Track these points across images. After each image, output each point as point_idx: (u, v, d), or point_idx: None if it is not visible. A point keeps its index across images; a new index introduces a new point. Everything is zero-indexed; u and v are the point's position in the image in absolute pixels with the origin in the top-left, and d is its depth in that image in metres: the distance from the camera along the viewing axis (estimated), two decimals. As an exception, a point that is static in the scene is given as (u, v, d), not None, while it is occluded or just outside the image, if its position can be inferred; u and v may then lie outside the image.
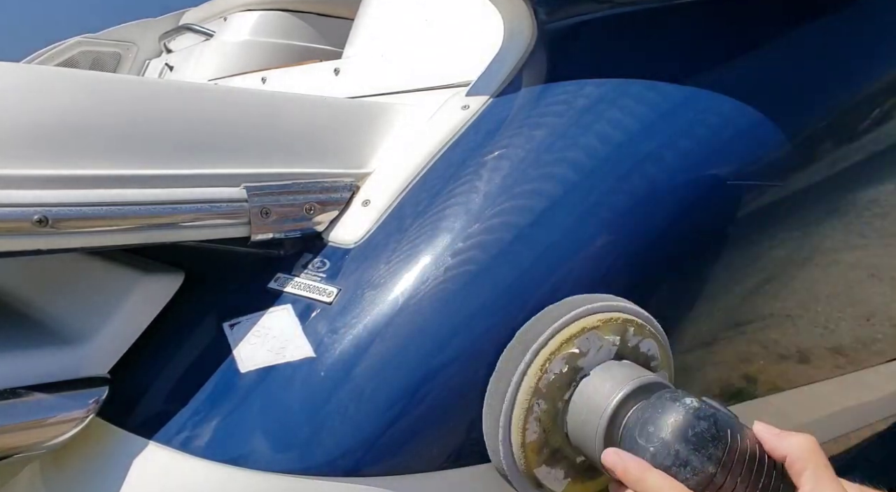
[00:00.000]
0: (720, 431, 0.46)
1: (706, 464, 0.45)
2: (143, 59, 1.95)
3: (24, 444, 0.52)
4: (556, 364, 0.53)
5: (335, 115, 0.68)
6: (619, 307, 0.56)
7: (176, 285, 0.61)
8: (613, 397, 0.51)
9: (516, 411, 0.53)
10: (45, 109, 0.51)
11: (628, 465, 0.47)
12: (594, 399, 0.52)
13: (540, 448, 0.54)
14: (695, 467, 0.46)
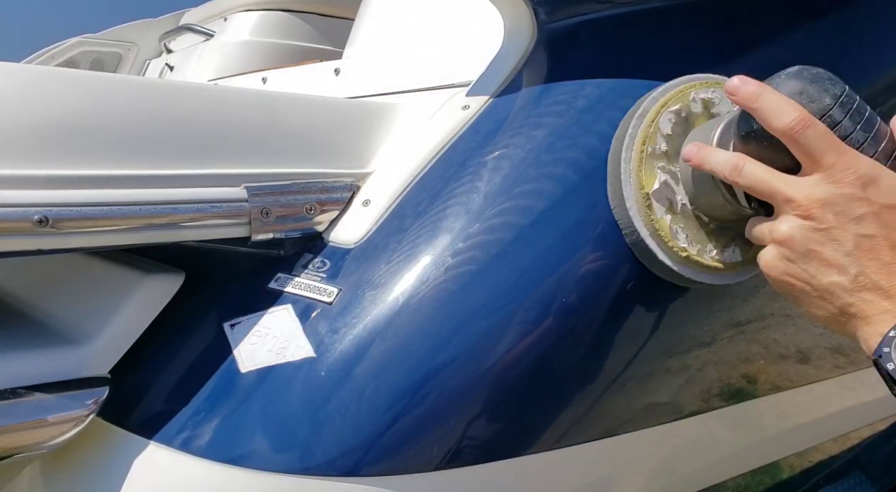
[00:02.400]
0: (835, 80, 0.48)
1: (823, 95, 0.47)
2: (143, 60, 1.95)
3: (25, 444, 0.52)
4: (664, 117, 0.58)
5: (335, 116, 0.68)
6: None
7: (176, 286, 0.61)
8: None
9: (634, 164, 0.56)
10: (46, 110, 0.51)
11: (749, 85, 0.48)
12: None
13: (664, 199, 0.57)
14: (811, 95, 0.47)
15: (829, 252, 0.45)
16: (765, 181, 0.47)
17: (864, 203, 0.44)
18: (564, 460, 0.60)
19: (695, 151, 0.53)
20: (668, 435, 0.68)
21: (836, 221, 0.44)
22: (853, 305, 0.44)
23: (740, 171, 0.49)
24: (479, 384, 0.55)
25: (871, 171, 0.44)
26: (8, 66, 0.53)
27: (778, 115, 0.46)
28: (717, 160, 0.51)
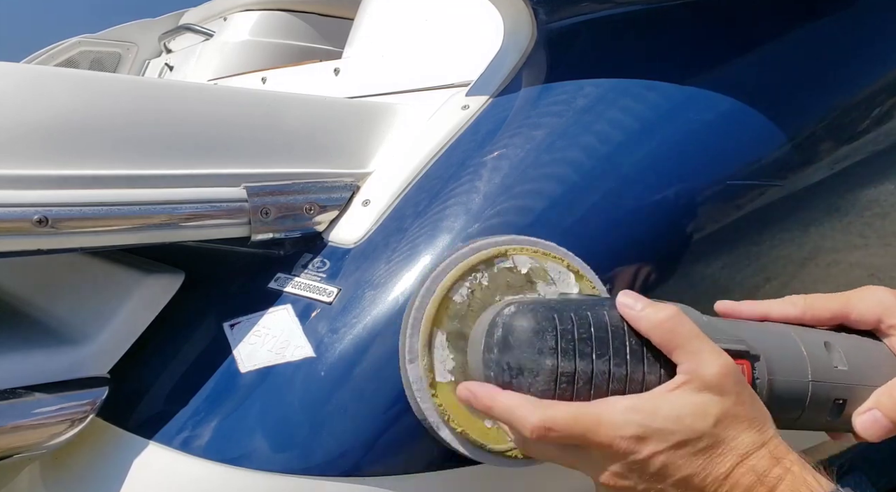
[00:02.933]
0: (542, 322, 0.42)
1: (540, 359, 0.42)
2: (142, 59, 1.95)
3: (24, 444, 0.52)
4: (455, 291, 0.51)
5: (335, 116, 0.68)
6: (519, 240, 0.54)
7: (176, 285, 0.61)
8: (483, 323, 0.48)
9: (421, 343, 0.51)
10: (45, 110, 0.51)
11: (478, 395, 0.45)
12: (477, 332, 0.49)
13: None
14: (531, 369, 0.42)
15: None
16: (562, 457, 0.45)
17: (654, 457, 0.41)
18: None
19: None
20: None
21: (643, 481, 0.42)
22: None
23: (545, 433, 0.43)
24: (478, 384, 0.55)
25: (632, 430, 0.41)
26: (8, 66, 0.53)
27: (520, 426, 0.42)
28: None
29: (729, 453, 0.41)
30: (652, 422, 0.41)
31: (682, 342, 0.43)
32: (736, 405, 0.42)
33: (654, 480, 0.41)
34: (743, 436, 0.41)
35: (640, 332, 0.44)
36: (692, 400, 0.41)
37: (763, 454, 0.41)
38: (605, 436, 0.41)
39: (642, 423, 0.41)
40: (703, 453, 0.41)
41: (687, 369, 0.42)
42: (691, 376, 0.42)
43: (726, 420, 0.41)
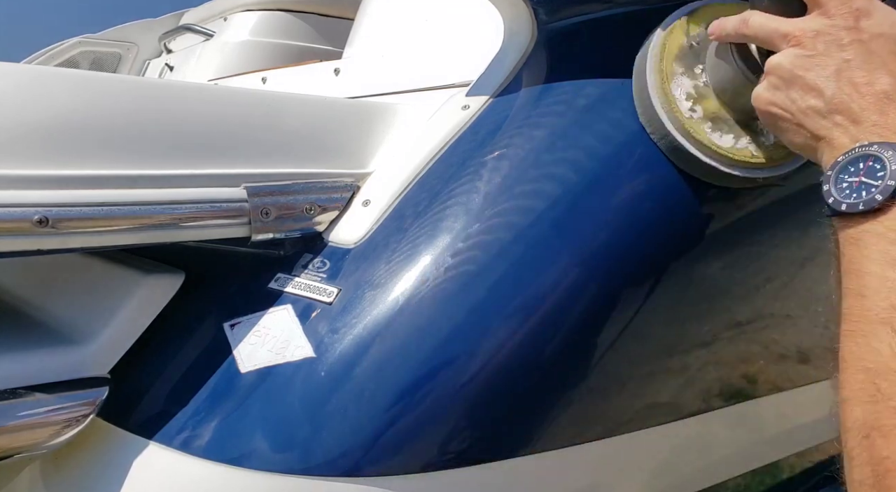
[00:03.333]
0: None
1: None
2: (143, 60, 1.95)
3: (25, 444, 0.52)
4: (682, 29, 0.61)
5: (335, 116, 0.68)
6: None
7: (176, 286, 0.61)
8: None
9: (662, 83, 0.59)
10: (46, 110, 0.51)
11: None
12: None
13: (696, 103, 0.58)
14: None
15: (812, 76, 0.46)
16: (767, 25, 0.49)
17: (853, 32, 0.45)
18: (566, 460, 0.60)
19: (716, 24, 0.55)
20: (668, 435, 0.68)
21: (824, 48, 0.45)
22: (823, 127, 0.45)
23: (747, 22, 0.50)
24: (479, 384, 0.55)
25: (865, 4, 0.45)
26: (8, 67, 0.53)
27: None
28: (731, 22, 0.52)
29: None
30: (879, 10, 0.45)
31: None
32: None
33: (837, 49, 0.45)
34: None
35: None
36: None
37: None
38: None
39: (876, 4, 0.46)
40: (893, 53, 0.44)
41: None
42: None
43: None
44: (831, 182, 0.43)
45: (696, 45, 0.61)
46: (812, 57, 0.46)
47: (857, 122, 0.43)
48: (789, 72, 0.47)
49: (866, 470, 0.37)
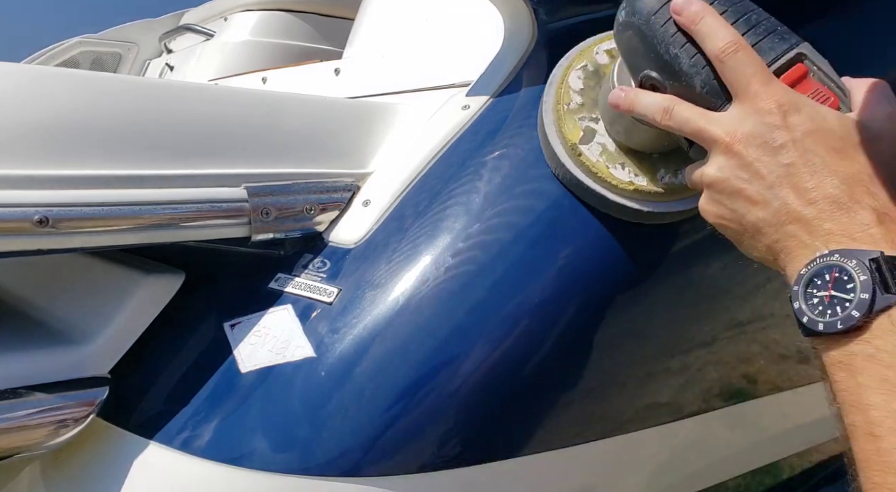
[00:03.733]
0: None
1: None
2: (143, 60, 1.95)
3: (25, 444, 0.52)
4: (572, 75, 0.60)
5: (335, 116, 0.68)
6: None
7: (176, 285, 0.61)
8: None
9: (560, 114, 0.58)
10: (46, 110, 0.51)
11: (692, 5, 0.46)
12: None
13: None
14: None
15: (753, 189, 0.43)
16: (692, 122, 0.46)
17: (785, 132, 0.42)
18: (566, 459, 0.60)
19: (622, 96, 0.51)
20: (668, 435, 0.68)
21: (757, 153, 0.43)
22: (779, 240, 0.42)
23: (670, 113, 0.47)
24: (479, 384, 0.55)
25: (792, 98, 0.43)
26: (8, 67, 0.53)
27: (713, 38, 0.45)
28: (645, 104, 0.49)
29: (855, 165, 0.41)
30: (809, 105, 0.43)
31: (881, 91, 0.45)
32: (890, 148, 0.42)
33: (771, 155, 0.42)
34: (874, 168, 0.41)
35: (850, 84, 0.46)
36: (852, 119, 0.43)
37: (885, 194, 0.40)
38: (767, 87, 0.43)
39: (802, 101, 0.43)
40: (831, 151, 0.41)
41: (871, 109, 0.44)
42: (863, 118, 0.43)
43: (867, 147, 0.41)
44: (800, 298, 0.40)
45: (587, 91, 0.60)
46: (748, 166, 0.43)
47: (812, 231, 0.40)
48: (729, 186, 0.44)
49: None
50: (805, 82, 0.45)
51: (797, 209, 0.41)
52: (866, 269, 0.36)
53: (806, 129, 0.42)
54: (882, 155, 0.41)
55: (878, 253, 0.37)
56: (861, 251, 0.37)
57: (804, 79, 0.45)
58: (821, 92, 0.45)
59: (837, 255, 0.38)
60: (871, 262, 0.36)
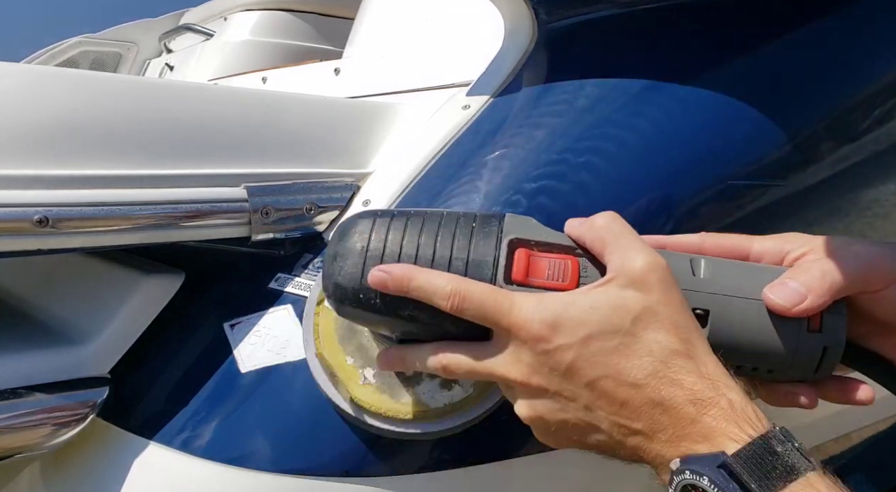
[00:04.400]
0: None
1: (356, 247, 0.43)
2: (143, 59, 1.95)
3: (25, 444, 0.52)
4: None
5: (335, 115, 0.68)
6: None
7: (176, 286, 0.61)
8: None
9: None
10: (46, 110, 0.51)
11: (393, 272, 0.42)
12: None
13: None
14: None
15: (575, 416, 0.40)
16: (475, 369, 0.42)
17: (562, 351, 0.38)
18: (566, 460, 0.60)
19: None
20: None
21: (552, 383, 0.39)
22: (630, 454, 0.40)
23: (445, 364, 0.42)
24: (479, 384, 0.55)
25: (540, 313, 0.39)
26: (8, 66, 0.53)
27: (435, 296, 0.41)
28: (421, 359, 0.44)
29: (646, 355, 0.38)
30: (566, 311, 0.39)
31: (612, 240, 0.41)
32: (659, 304, 0.38)
33: (567, 379, 0.39)
34: (663, 339, 0.38)
35: (573, 236, 0.43)
36: (614, 294, 0.39)
37: (690, 368, 0.37)
38: (518, 317, 0.39)
39: (556, 310, 0.39)
40: (617, 351, 0.38)
41: (614, 266, 0.40)
42: (617, 273, 0.40)
43: (646, 318, 0.38)
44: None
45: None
46: (551, 397, 0.40)
47: (654, 440, 0.38)
48: (547, 421, 0.41)
49: None
50: (535, 266, 0.42)
51: (627, 424, 0.38)
52: (721, 484, 0.34)
53: (578, 336, 0.38)
54: (663, 326, 0.38)
55: (722, 457, 0.35)
56: (703, 458, 0.35)
57: (531, 263, 0.42)
58: (554, 262, 0.42)
59: (687, 471, 0.35)
60: (720, 469, 0.34)
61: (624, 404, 0.38)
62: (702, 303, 0.42)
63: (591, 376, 0.38)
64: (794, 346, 0.42)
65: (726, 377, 0.38)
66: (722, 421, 0.36)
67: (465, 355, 0.42)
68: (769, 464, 0.34)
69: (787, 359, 0.43)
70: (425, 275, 0.42)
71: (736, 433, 0.35)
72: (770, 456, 0.34)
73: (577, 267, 0.42)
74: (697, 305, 0.42)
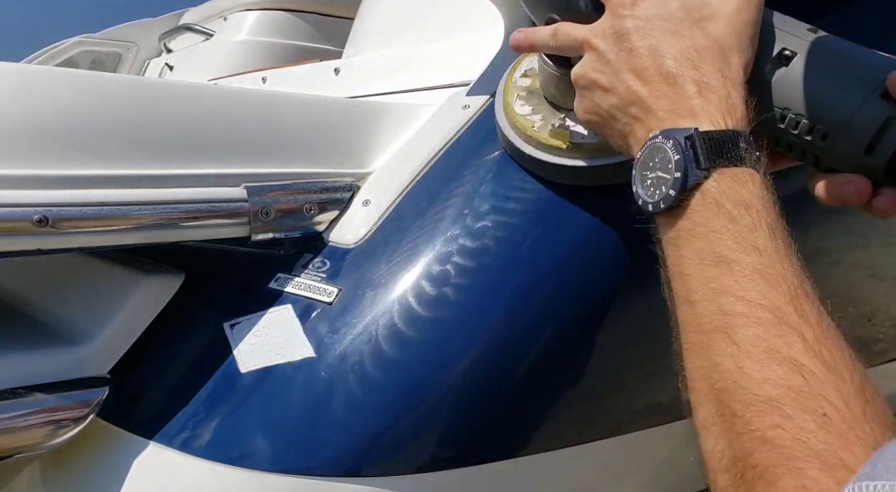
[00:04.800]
0: None
1: None
2: (143, 59, 1.95)
3: (25, 444, 0.52)
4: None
5: (335, 115, 0.68)
6: None
7: (176, 286, 0.61)
8: None
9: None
10: (46, 110, 0.51)
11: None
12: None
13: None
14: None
15: (604, 77, 0.45)
16: (571, 35, 0.48)
17: (630, 20, 0.44)
18: (566, 459, 0.60)
19: (520, 37, 0.53)
20: (669, 435, 0.68)
21: (608, 44, 0.45)
22: (626, 123, 0.44)
23: (556, 35, 0.50)
24: (479, 384, 0.55)
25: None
26: (7, 66, 0.53)
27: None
28: (539, 36, 0.52)
29: (688, 40, 0.43)
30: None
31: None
32: (730, 15, 0.43)
33: (618, 42, 0.44)
34: (711, 37, 0.43)
35: None
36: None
37: (714, 63, 0.42)
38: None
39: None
40: (668, 32, 0.43)
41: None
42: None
43: (710, 19, 0.43)
44: (637, 181, 0.42)
45: (531, 82, 0.61)
46: (602, 56, 0.45)
47: (650, 111, 0.42)
48: (586, 78, 0.47)
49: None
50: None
51: (636, 89, 0.43)
52: (680, 148, 0.38)
53: (648, 15, 0.44)
54: (714, 32, 0.43)
55: (693, 130, 0.39)
56: (679, 130, 0.40)
57: None
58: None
59: (660, 136, 0.40)
60: (686, 140, 0.39)
61: (643, 71, 0.43)
62: (796, 46, 0.44)
63: (637, 44, 0.44)
64: (858, 103, 0.41)
65: (739, 84, 0.42)
66: (712, 106, 0.40)
67: (572, 27, 0.49)
68: (727, 150, 0.38)
69: (845, 118, 0.41)
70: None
71: (718, 120, 0.39)
72: (731, 145, 0.39)
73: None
74: (789, 47, 0.44)
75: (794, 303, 0.34)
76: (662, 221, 0.41)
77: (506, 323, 0.56)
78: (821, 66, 0.43)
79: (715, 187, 0.38)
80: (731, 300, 0.35)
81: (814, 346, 0.32)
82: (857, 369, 0.32)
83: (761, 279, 0.35)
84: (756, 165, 0.39)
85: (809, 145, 0.43)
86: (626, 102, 0.44)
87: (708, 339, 0.36)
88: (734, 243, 0.36)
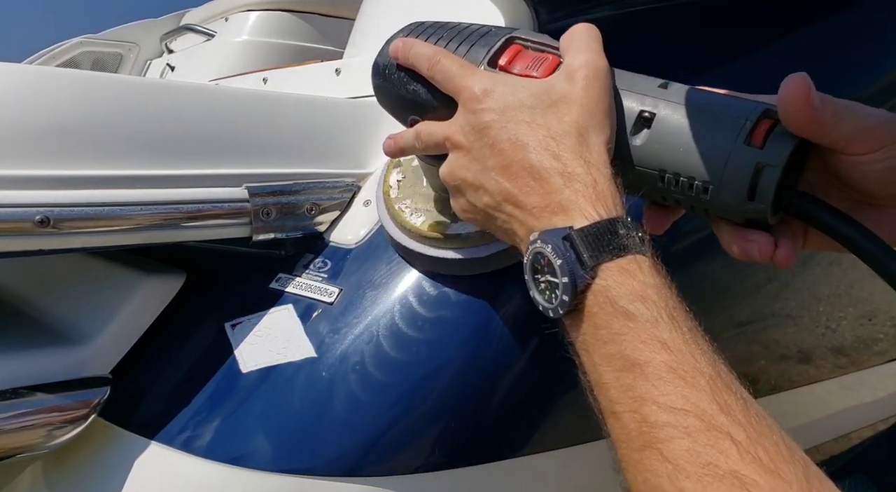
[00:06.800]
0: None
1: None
2: (144, 60, 1.95)
3: (26, 444, 0.52)
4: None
5: (336, 116, 0.68)
6: None
7: (177, 286, 0.61)
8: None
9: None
10: (47, 110, 0.51)
11: (403, 44, 0.50)
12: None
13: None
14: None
15: (471, 174, 0.44)
16: (434, 134, 0.47)
17: (486, 113, 0.43)
18: (566, 459, 0.60)
19: (391, 142, 0.52)
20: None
21: (470, 141, 0.44)
22: (505, 221, 0.43)
23: (419, 136, 0.49)
24: (480, 384, 0.55)
25: (490, 80, 0.44)
26: (8, 67, 0.53)
27: (419, 61, 0.48)
28: (405, 139, 0.50)
29: (543, 129, 0.41)
30: (504, 85, 0.44)
31: (572, 42, 0.45)
32: (578, 96, 0.42)
33: (479, 137, 0.43)
34: (566, 122, 0.41)
35: (561, 41, 0.47)
36: (547, 81, 0.44)
37: (574, 148, 0.40)
38: (467, 81, 0.44)
39: (497, 82, 0.44)
40: (525, 123, 0.42)
41: (564, 62, 0.45)
42: (562, 68, 0.44)
43: (562, 104, 0.42)
44: (531, 286, 0.40)
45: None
46: (467, 153, 0.44)
47: (523, 207, 0.41)
48: (455, 177, 0.45)
49: None
50: (522, 55, 0.47)
51: (506, 187, 0.42)
52: (560, 251, 0.37)
53: (500, 106, 0.43)
54: (568, 116, 0.42)
55: (568, 230, 0.38)
56: (555, 231, 0.38)
57: (520, 53, 0.47)
58: (538, 58, 0.46)
59: (539, 240, 0.39)
60: (564, 241, 0.37)
61: (509, 166, 0.41)
62: (653, 107, 0.44)
63: (497, 137, 0.42)
64: (726, 154, 0.40)
65: (604, 165, 0.40)
66: (581, 197, 0.39)
67: (430, 124, 0.48)
68: (606, 241, 0.37)
69: (719, 170, 0.41)
70: (420, 46, 0.48)
71: (589, 212, 0.38)
72: (610, 235, 0.37)
73: (556, 64, 0.45)
74: (647, 109, 0.44)
75: (716, 400, 0.32)
76: (567, 323, 0.39)
77: (507, 323, 0.56)
78: (681, 122, 0.42)
79: (604, 286, 0.36)
80: (654, 409, 0.33)
81: (749, 448, 0.31)
82: (795, 460, 0.32)
83: (678, 379, 0.33)
84: (641, 248, 0.37)
85: (695, 200, 0.43)
86: (499, 200, 0.42)
87: (640, 457, 0.33)
88: (640, 343, 0.35)
